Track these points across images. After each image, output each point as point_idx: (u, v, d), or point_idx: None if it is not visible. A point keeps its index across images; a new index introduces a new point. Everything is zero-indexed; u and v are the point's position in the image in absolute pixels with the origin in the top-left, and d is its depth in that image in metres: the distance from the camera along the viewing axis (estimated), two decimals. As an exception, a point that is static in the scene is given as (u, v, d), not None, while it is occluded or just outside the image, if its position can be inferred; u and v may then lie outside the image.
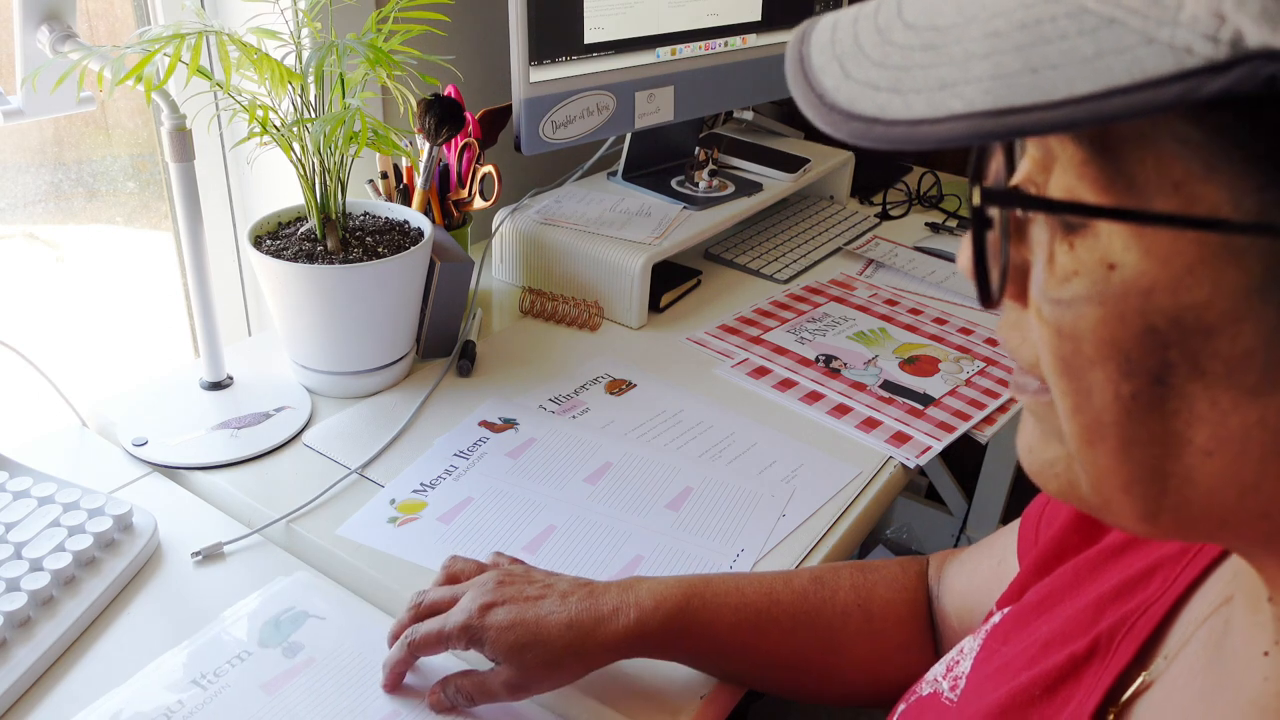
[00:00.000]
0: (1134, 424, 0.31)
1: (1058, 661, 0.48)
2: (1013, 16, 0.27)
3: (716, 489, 0.89)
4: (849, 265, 1.37)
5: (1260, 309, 0.28)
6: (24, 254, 1.11)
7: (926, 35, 0.29)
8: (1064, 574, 0.54)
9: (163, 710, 0.65)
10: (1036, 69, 0.26)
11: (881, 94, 0.29)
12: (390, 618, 0.74)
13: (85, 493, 0.80)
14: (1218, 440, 0.30)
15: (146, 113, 1.15)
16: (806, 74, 0.31)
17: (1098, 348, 0.31)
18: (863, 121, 0.29)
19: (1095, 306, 0.30)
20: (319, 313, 0.93)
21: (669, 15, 1.22)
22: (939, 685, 0.57)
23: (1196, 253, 0.28)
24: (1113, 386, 0.31)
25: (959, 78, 0.27)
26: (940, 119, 0.27)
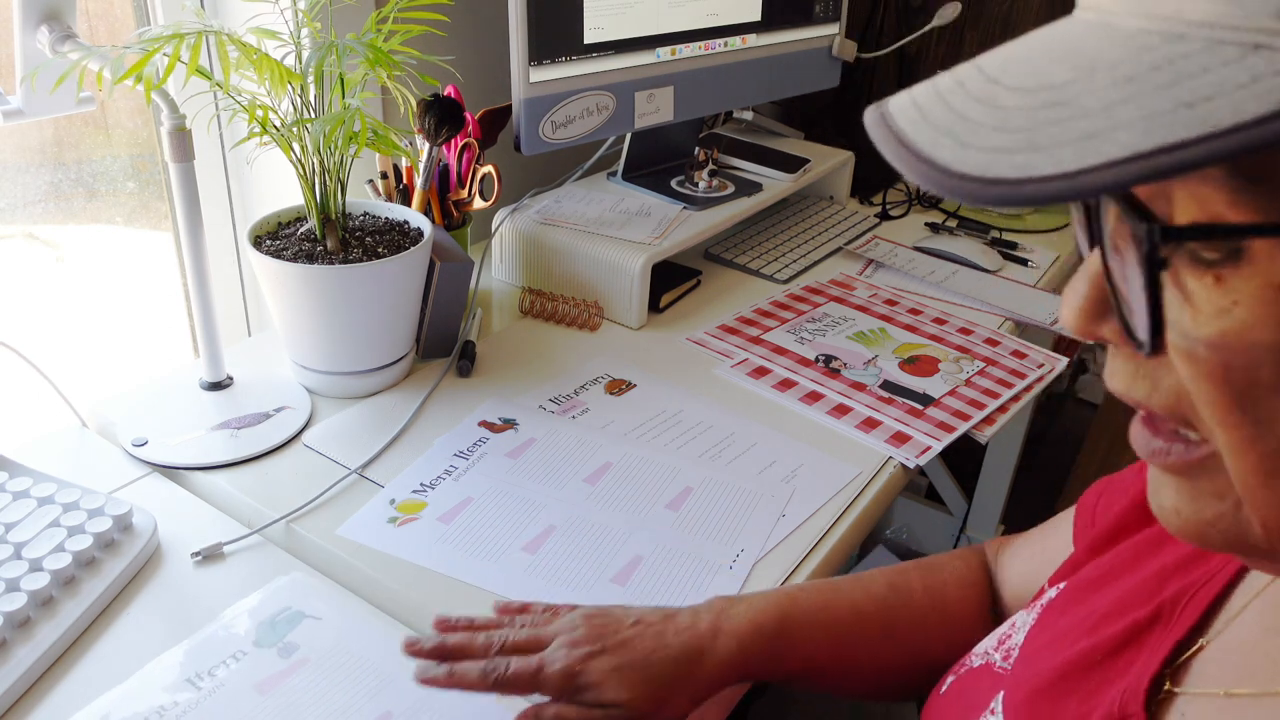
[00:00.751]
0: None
1: (1119, 629, 0.49)
2: (1140, 62, 0.28)
3: (716, 489, 0.89)
4: (849, 265, 1.37)
5: None
6: (24, 254, 1.11)
7: (1044, 95, 0.30)
8: (1123, 551, 0.55)
9: (156, 710, 0.65)
10: (1191, 104, 0.27)
11: (1018, 155, 0.29)
12: (389, 618, 0.75)
13: (85, 493, 0.80)
14: None
15: (146, 113, 1.15)
16: (918, 153, 0.31)
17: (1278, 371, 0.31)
18: (1007, 184, 0.29)
19: (1271, 330, 0.30)
20: (319, 313, 0.93)
21: (669, 15, 1.22)
22: (990, 657, 0.58)
23: None
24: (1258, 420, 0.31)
25: (1105, 125, 0.28)
26: (1099, 166, 0.27)
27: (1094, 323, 0.35)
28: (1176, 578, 0.49)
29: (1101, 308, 0.35)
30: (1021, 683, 0.53)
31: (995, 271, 1.38)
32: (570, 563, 0.80)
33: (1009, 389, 1.07)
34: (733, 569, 0.80)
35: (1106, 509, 0.62)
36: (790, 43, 1.42)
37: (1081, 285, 0.35)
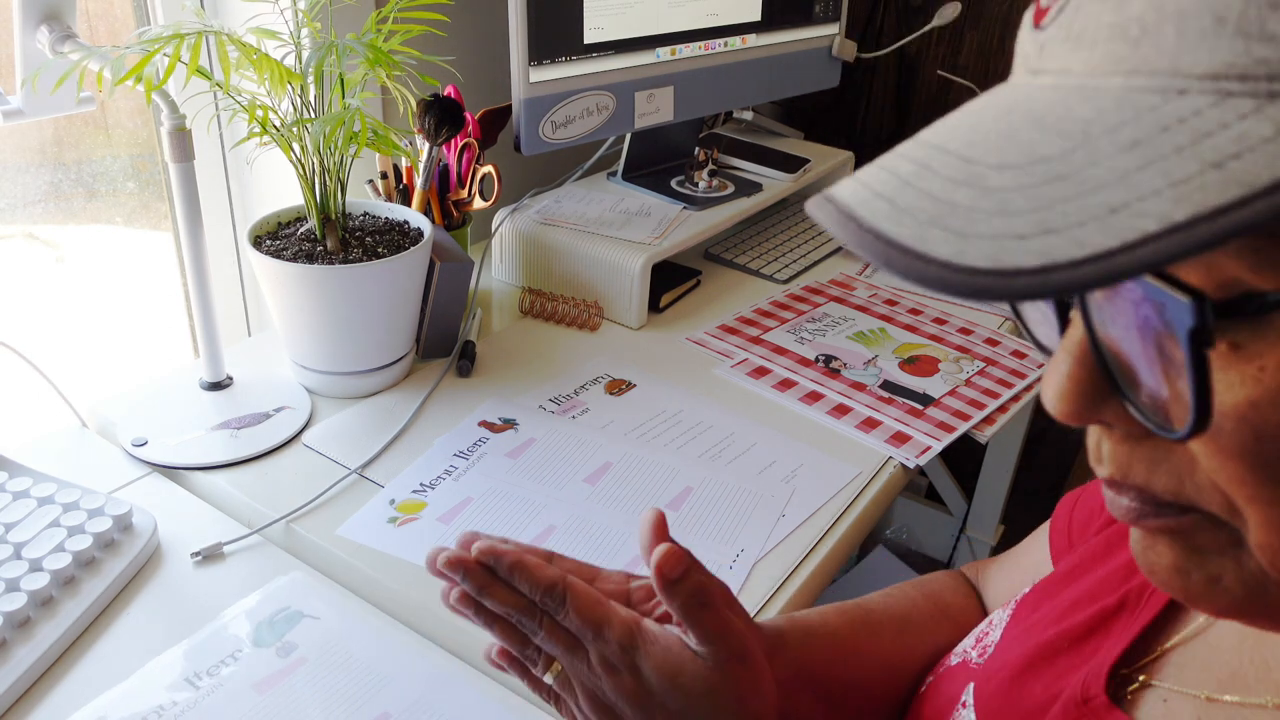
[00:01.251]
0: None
1: (1086, 616, 0.48)
2: (1144, 123, 0.26)
3: (716, 489, 0.89)
4: (849, 265, 1.37)
5: None
6: (24, 254, 1.11)
7: (1040, 170, 0.27)
8: (1094, 545, 0.54)
9: (155, 709, 0.65)
10: (1219, 164, 0.24)
11: (1033, 240, 0.25)
12: (388, 618, 0.75)
13: (85, 493, 0.80)
14: None
15: (146, 113, 1.15)
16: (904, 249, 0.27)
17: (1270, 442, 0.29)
18: (1030, 274, 0.25)
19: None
20: (319, 313, 0.93)
21: (669, 15, 1.22)
22: (968, 655, 0.57)
23: None
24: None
25: (1128, 197, 0.25)
26: (1134, 243, 0.24)
27: (1091, 407, 0.32)
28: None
29: (1098, 388, 0.31)
30: (992, 674, 0.53)
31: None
32: (570, 563, 0.80)
33: (1009, 389, 1.07)
34: (732, 569, 0.80)
35: (1083, 529, 0.61)
36: (790, 43, 1.42)
37: (1066, 366, 0.31)
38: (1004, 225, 0.26)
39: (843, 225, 0.28)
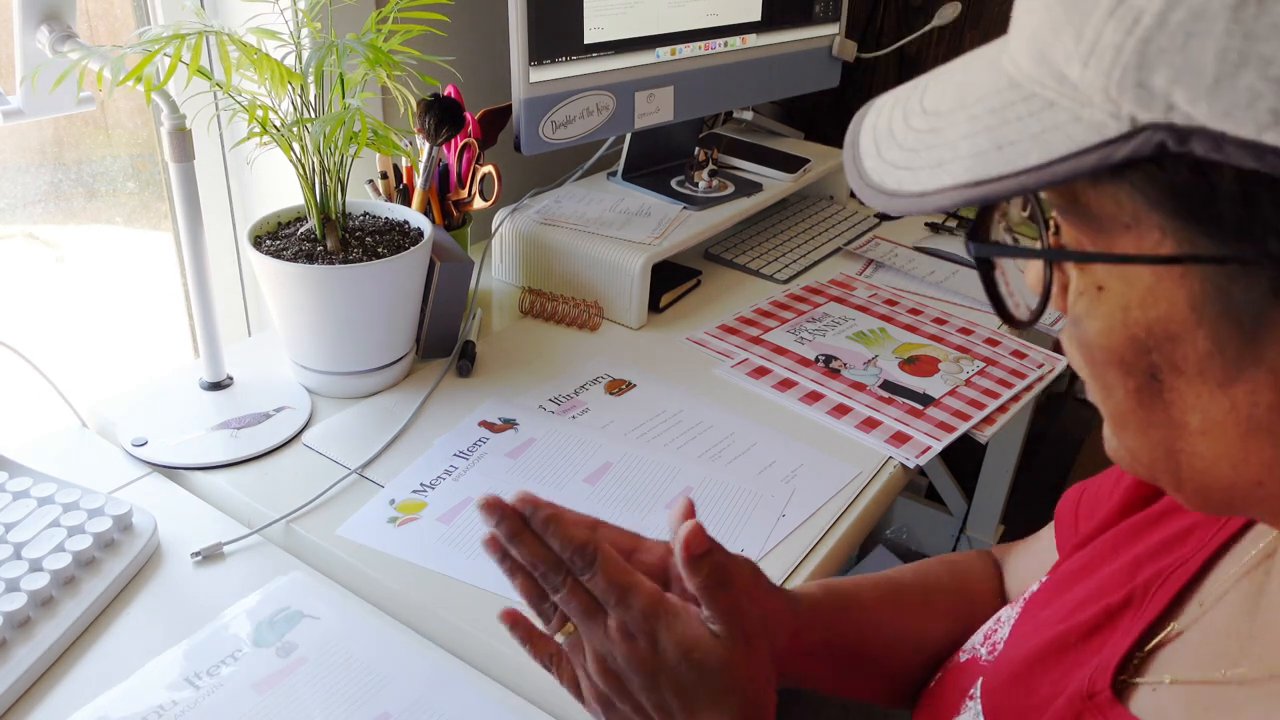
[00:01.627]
0: (1145, 411, 0.37)
1: (1093, 612, 0.51)
2: (988, 103, 0.35)
3: (716, 489, 0.89)
4: (849, 265, 1.37)
5: (1206, 319, 0.34)
6: (24, 254, 1.11)
7: (932, 121, 0.37)
8: (1103, 543, 0.57)
9: (155, 709, 0.65)
10: (1001, 146, 0.34)
11: (900, 171, 0.37)
12: (388, 618, 0.75)
13: (85, 493, 0.80)
14: (1206, 423, 0.36)
15: (146, 113, 1.15)
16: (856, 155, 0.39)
17: (1103, 353, 0.37)
18: (885, 195, 0.37)
19: (1094, 321, 0.37)
20: (319, 313, 0.93)
21: (669, 15, 1.22)
22: (977, 651, 0.59)
23: (1151, 278, 0.34)
24: (1121, 382, 0.37)
25: (950, 156, 0.35)
26: (936, 191, 0.35)
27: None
28: (1149, 564, 0.51)
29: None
30: (999, 669, 0.54)
31: (995, 271, 1.37)
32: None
33: (1009, 389, 1.07)
34: (733, 569, 0.80)
35: (1089, 515, 0.62)
36: (790, 43, 1.42)
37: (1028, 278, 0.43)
38: (895, 156, 0.37)
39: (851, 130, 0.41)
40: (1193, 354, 0.35)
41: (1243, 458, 0.36)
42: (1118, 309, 0.36)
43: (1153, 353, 0.35)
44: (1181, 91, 0.29)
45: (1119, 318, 0.36)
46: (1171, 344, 0.35)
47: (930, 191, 0.35)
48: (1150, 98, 0.30)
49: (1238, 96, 0.28)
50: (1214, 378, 0.35)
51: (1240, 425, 0.35)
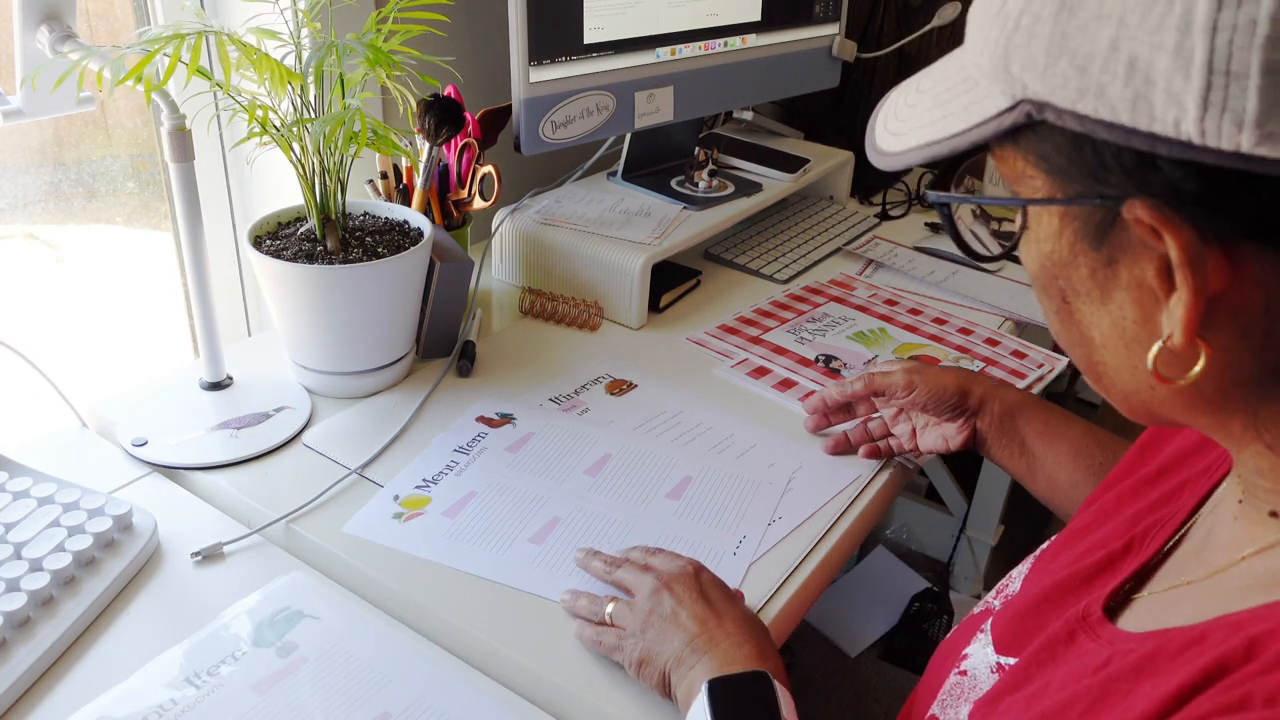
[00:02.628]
0: (1067, 330, 0.47)
1: (1097, 558, 0.57)
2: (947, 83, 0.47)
3: (716, 478, 0.89)
4: (849, 265, 1.37)
5: (1081, 249, 0.44)
6: (24, 254, 1.11)
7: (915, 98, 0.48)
8: (1107, 501, 0.63)
9: (155, 709, 0.65)
10: (945, 116, 0.45)
11: (892, 138, 0.48)
12: (388, 617, 0.75)
13: (85, 493, 0.80)
14: (1103, 338, 0.45)
15: (146, 113, 1.15)
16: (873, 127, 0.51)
17: (1035, 280, 0.48)
18: (878, 154, 0.49)
19: (1026, 254, 0.48)
20: (319, 313, 0.93)
21: (669, 15, 1.22)
22: (990, 603, 0.65)
23: (1049, 219, 0.45)
24: (1049, 305, 0.48)
25: (920, 123, 0.47)
26: (904, 150, 0.47)
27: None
28: (1149, 516, 0.58)
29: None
30: (1010, 608, 0.61)
31: (995, 272, 1.38)
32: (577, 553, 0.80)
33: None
34: (735, 555, 0.81)
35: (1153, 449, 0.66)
36: (790, 43, 1.42)
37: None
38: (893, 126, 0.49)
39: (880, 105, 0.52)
40: (1078, 280, 0.45)
41: (1131, 365, 0.45)
42: (1034, 244, 0.46)
43: (1059, 279, 0.46)
44: (1028, 74, 0.40)
45: (1033, 250, 0.47)
46: (1066, 271, 0.45)
47: (901, 151, 0.47)
48: (1012, 80, 0.41)
49: (1058, 78, 0.39)
50: (1095, 299, 0.44)
51: (1122, 337, 0.44)
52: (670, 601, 0.70)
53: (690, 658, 0.66)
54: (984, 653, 0.59)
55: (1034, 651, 0.54)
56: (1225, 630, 0.43)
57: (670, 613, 0.69)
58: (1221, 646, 0.42)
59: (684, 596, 0.70)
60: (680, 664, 0.66)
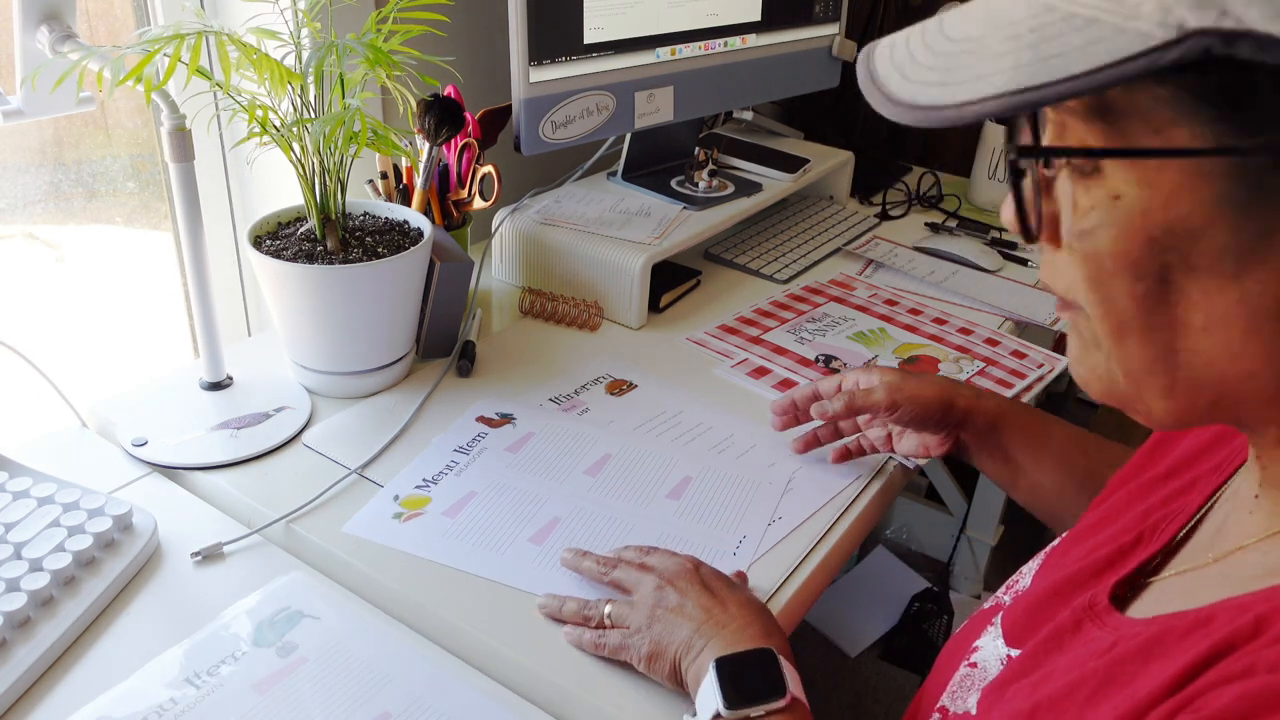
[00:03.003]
0: (1149, 315, 0.42)
1: (1107, 552, 0.57)
2: (1024, 24, 0.39)
3: (716, 478, 0.90)
4: (849, 265, 1.38)
5: (1228, 213, 0.38)
6: (24, 254, 1.11)
7: (963, 44, 0.40)
8: (1117, 499, 0.63)
9: (155, 709, 0.65)
10: (1045, 59, 0.37)
11: (933, 89, 0.40)
12: (388, 617, 0.75)
13: (85, 493, 0.80)
14: (1210, 319, 0.41)
15: (146, 113, 1.15)
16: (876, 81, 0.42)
17: (1115, 260, 0.42)
18: (921, 109, 0.40)
19: (1109, 230, 0.41)
20: (319, 313, 0.93)
21: (669, 15, 1.22)
22: (1000, 599, 0.65)
23: (1176, 178, 0.39)
24: (1129, 289, 0.42)
25: (990, 70, 0.39)
26: (978, 100, 0.38)
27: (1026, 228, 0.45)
28: (1159, 511, 0.57)
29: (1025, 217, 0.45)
30: (1020, 602, 0.61)
31: (995, 271, 1.38)
32: (571, 561, 0.80)
33: (1009, 389, 1.07)
34: (735, 555, 0.81)
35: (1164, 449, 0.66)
36: (790, 43, 1.42)
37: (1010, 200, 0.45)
38: (927, 76, 0.41)
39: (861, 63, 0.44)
40: (1209, 249, 0.39)
41: (1241, 349, 0.41)
42: (1136, 214, 0.40)
43: (1168, 252, 0.40)
44: (1236, 3, 0.34)
45: (1137, 222, 0.40)
46: (1190, 240, 0.39)
47: (972, 101, 0.38)
48: (1206, 4, 0.34)
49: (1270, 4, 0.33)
50: (1227, 271, 0.39)
51: (1245, 317, 0.40)
52: (674, 595, 0.70)
53: (698, 642, 0.67)
54: (994, 645, 0.60)
55: (1041, 640, 0.54)
56: (1232, 612, 0.42)
57: (676, 605, 0.70)
58: (1229, 626, 0.42)
59: (687, 589, 0.70)
60: (689, 650, 0.67)
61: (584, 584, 0.77)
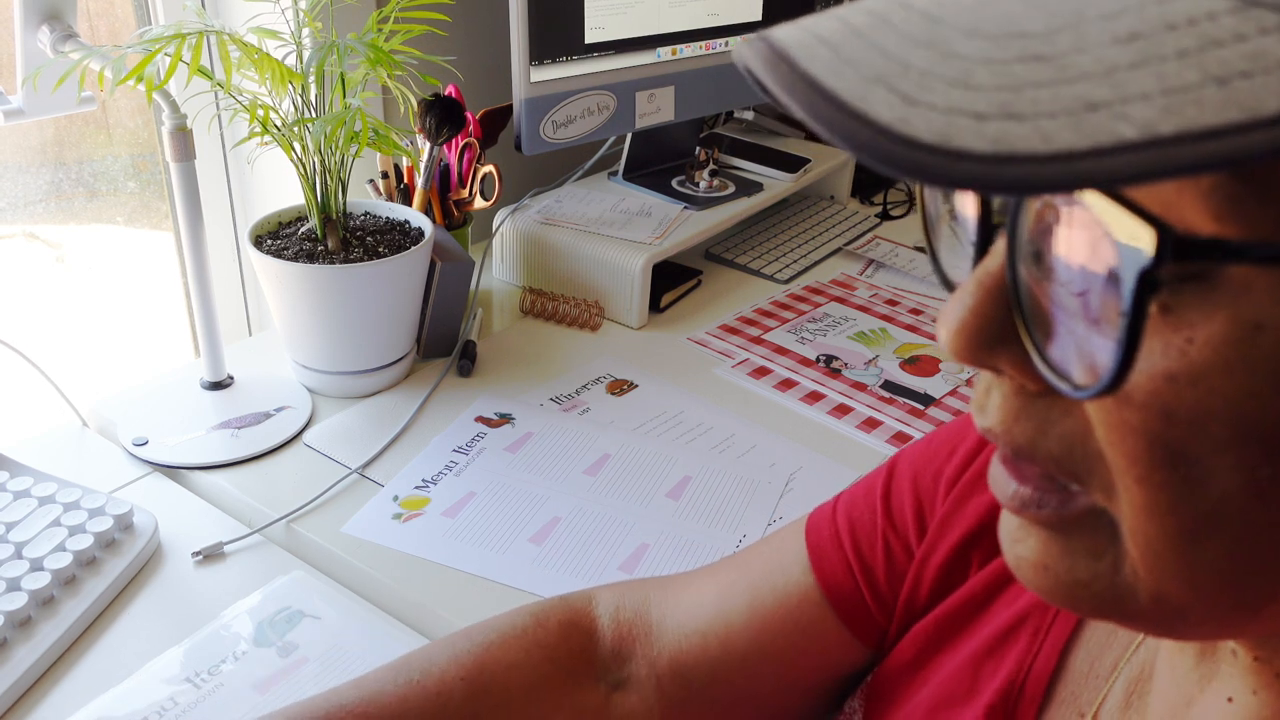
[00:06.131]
0: (1268, 509, 0.25)
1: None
2: (1147, 15, 0.22)
3: (715, 477, 0.90)
4: (849, 265, 1.37)
5: None
6: (24, 254, 1.11)
7: (1016, 45, 0.22)
8: (921, 634, 0.50)
9: (156, 708, 0.65)
10: (1224, 80, 0.20)
11: (991, 123, 0.21)
12: (389, 617, 0.75)
13: (86, 492, 0.80)
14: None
15: (147, 112, 1.15)
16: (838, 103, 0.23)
17: (1236, 426, 0.24)
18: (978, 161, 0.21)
19: (1238, 378, 0.24)
20: (319, 313, 0.93)
21: (669, 15, 1.22)
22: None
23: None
24: (1247, 470, 0.25)
25: (1112, 95, 0.21)
26: (1108, 149, 0.20)
27: (989, 347, 0.28)
28: (989, 665, 0.46)
29: (1002, 328, 0.27)
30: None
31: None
32: (578, 553, 0.80)
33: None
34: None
35: (868, 534, 0.54)
36: (791, 43, 1.42)
37: (972, 298, 0.28)
38: (961, 99, 0.22)
39: (773, 67, 0.24)
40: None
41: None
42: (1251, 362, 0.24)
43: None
44: None
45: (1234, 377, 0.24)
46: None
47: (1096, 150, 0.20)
48: None
49: None
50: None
51: None
52: None
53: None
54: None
55: None
56: None
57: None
58: None
59: None
60: None
61: (584, 584, 0.77)
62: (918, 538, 0.52)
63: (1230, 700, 0.34)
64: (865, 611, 0.53)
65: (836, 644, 0.54)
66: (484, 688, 0.54)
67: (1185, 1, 0.22)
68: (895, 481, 0.54)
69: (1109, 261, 0.24)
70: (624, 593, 0.60)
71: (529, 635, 0.57)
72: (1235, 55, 0.21)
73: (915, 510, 0.53)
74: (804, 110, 0.23)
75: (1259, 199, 0.23)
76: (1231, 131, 0.20)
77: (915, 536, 0.52)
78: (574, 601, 0.60)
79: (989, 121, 0.21)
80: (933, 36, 0.23)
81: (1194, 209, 0.23)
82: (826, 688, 0.56)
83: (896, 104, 0.22)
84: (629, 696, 0.57)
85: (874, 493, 0.55)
